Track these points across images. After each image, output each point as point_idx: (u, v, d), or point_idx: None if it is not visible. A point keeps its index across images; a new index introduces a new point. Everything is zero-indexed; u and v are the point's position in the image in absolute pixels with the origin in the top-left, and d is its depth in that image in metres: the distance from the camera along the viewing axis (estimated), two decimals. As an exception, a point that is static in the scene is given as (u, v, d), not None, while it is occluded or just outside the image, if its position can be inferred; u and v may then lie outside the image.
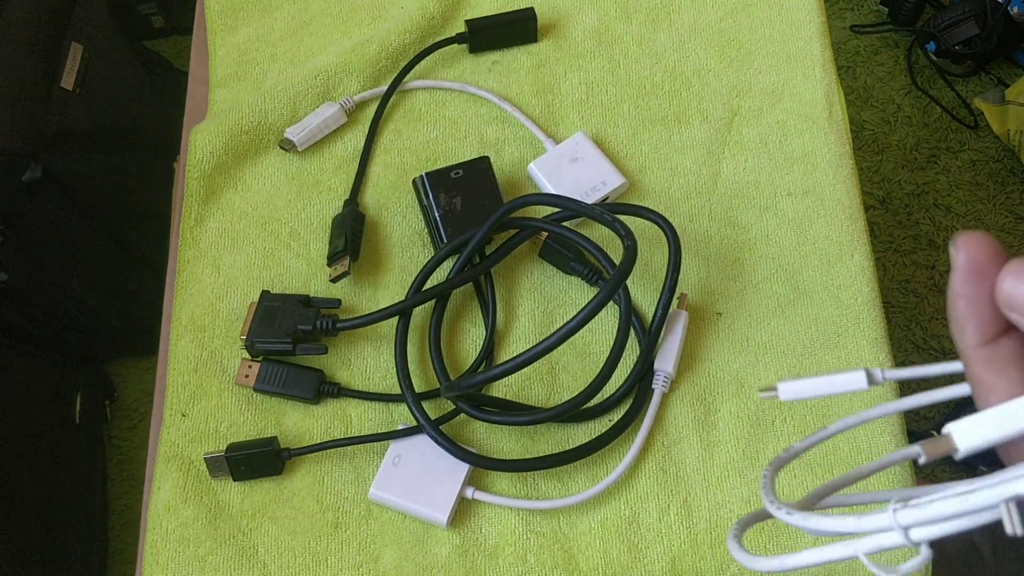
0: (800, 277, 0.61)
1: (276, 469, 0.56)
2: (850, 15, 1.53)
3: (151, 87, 1.17)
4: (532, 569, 0.54)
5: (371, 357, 0.59)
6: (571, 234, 0.59)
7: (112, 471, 1.21)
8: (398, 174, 0.65)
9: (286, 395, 0.57)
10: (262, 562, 0.54)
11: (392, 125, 0.67)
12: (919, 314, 1.25)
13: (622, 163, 0.65)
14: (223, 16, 0.72)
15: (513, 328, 0.60)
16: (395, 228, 0.63)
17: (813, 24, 0.69)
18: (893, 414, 0.28)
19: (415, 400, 0.55)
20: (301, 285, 0.61)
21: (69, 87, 0.95)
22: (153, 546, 0.55)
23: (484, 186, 0.61)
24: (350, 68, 0.67)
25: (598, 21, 0.70)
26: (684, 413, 0.57)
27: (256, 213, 0.64)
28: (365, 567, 0.54)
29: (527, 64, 0.69)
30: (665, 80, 0.68)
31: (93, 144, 1.00)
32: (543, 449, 0.56)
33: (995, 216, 1.32)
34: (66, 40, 0.97)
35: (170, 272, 0.63)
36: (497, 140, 0.66)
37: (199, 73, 0.71)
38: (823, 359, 0.58)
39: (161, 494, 0.56)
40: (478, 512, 0.55)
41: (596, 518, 0.55)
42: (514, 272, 0.62)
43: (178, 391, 0.59)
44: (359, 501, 0.55)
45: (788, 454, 0.29)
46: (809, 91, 0.67)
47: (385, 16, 0.71)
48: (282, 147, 0.65)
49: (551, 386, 0.58)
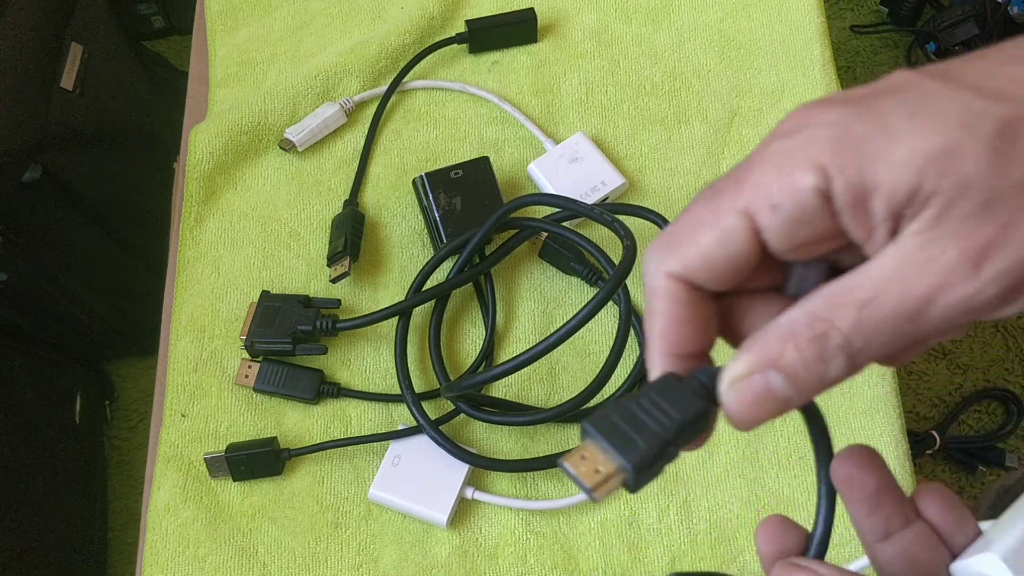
0: (800, 277, 0.60)
1: (276, 469, 0.56)
2: (850, 15, 1.53)
3: (151, 87, 1.17)
4: (532, 569, 0.54)
5: (371, 357, 0.59)
6: (571, 234, 0.59)
7: (112, 471, 1.21)
8: (398, 174, 0.65)
9: (286, 395, 0.57)
10: (262, 562, 0.54)
11: (392, 125, 0.67)
12: (919, 314, 1.26)
13: (622, 163, 0.65)
14: (223, 16, 0.72)
15: (513, 328, 0.60)
16: (395, 228, 0.63)
17: (813, 24, 0.69)
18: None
19: (415, 400, 0.55)
20: (301, 285, 0.61)
21: (69, 87, 0.95)
22: (153, 546, 0.55)
23: (484, 186, 0.61)
24: (350, 68, 0.67)
25: (598, 21, 0.70)
26: (684, 413, 0.57)
27: (256, 213, 0.64)
28: (365, 567, 0.54)
29: (527, 64, 0.69)
30: (665, 80, 0.68)
31: (93, 144, 1.00)
32: (543, 449, 0.56)
33: (995, 216, 1.32)
34: (66, 40, 0.97)
35: (170, 272, 0.63)
36: (497, 140, 0.66)
37: (199, 73, 0.71)
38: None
39: (161, 494, 0.56)
40: (478, 512, 0.55)
41: (596, 518, 0.55)
42: (514, 272, 0.62)
43: (178, 391, 0.59)
44: (359, 501, 0.55)
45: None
46: (809, 91, 0.67)
47: (385, 16, 0.71)
48: (282, 147, 0.65)
49: (551, 386, 0.58)
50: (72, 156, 0.96)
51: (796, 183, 0.21)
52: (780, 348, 0.22)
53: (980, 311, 0.21)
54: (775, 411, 0.23)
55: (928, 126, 0.21)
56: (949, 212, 0.21)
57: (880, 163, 0.21)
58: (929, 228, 0.21)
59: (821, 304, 0.22)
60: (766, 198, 0.22)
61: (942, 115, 0.21)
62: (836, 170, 0.21)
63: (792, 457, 0.56)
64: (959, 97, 0.21)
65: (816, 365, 0.22)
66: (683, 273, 0.23)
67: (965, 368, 1.22)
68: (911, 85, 0.22)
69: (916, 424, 1.19)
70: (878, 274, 0.21)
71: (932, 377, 1.22)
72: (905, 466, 0.55)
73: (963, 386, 1.21)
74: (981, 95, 0.21)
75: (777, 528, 0.27)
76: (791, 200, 0.22)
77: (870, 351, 0.22)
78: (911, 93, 0.21)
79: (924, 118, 0.21)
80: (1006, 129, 0.20)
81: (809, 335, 0.22)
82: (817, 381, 0.22)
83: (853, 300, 0.21)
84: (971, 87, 0.21)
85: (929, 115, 0.21)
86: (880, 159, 0.21)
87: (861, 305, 0.21)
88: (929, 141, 0.21)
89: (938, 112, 0.21)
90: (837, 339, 0.22)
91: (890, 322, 0.21)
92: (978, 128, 0.20)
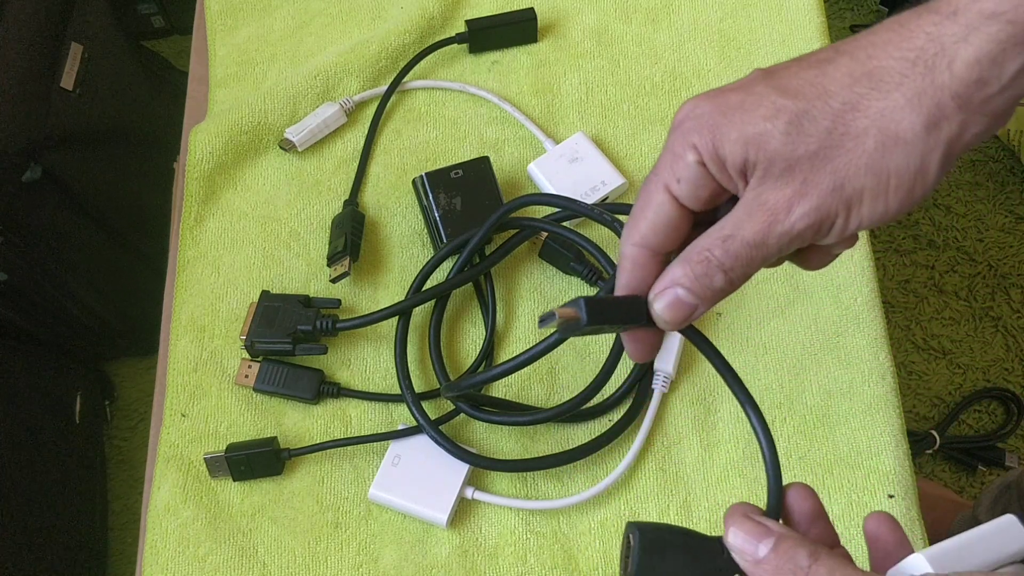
0: (800, 277, 0.61)
1: (276, 469, 0.56)
2: (850, 15, 1.53)
3: (151, 87, 1.17)
4: (532, 569, 0.54)
5: (371, 357, 0.59)
6: (571, 234, 0.59)
7: (112, 471, 1.21)
8: (398, 174, 0.65)
9: (286, 395, 0.57)
10: (262, 562, 0.54)
11: (392, 125, 0.67)
12: (919, 314, 1.25)
13: (622, 163, 0.65)
14: (223, 16, 0.72)
15: (513, 328, 0.60)
16: (395, 228, 0.63)
17: (813, 24, 0.69)
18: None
19: (415, 400, 0.55)
20: (301, 285, 0.61)
21: (69, 87, 0.95)
22: (153, 546, 0.55)
23: (484, 186, 0.61)
24: (350, 68, 0.67)
25: (598, 21, 0.70)
26: (684, 413, 0.57)
27: (256, 213, 0.64)
28: (365, 567, 0.54)
29: (527, 64, 0.69)
30: (665, 80, 0.68)
31: (93, 144, 1.00)
32: (543, 449, 0.56)
33: (995, 216, 1.32)
34: (66, 40, 0.97)
35: (170, 272, 0.63)
36: (497, 140, 0.66)
37: (199, 73, 0.71)
38: (823, 359, 0.58)
39: (161, 494, 0.56)
40: (478, 512, 0.55)
41: (596, 518, 0.55)
42: (514, 272, 0.62)
43: (178, 391, 0.59)
44: (359, 501, 0.55)
45: None
46: (809, 91, 0.67)
47: (385, 16, 0.71)
48: (282, 147, 0.65)
49: (551, 386, 0.58)
50: (72, 156, 0.96)
51: (686, 159, 0.32)
52: (681, 270, 0.32)
53: (801, 239, 0.31)
54: (687, 313, 0.33)
55: (749, 118, 0.31)
56: (768, 174, 0.31)
57: (725, 142, 0.31)
58: (758, 185, 0.31)
59: (704, 241, 0.32)
60: (673, 174, 0.32)
61: (759, 109, 0.31)
62: (703, 148, 0.31)
63: (792, 457, 0.56)
64: (769, 96, 0.31)
65: (704, 279, 0.32)
66: (641, 242, 0.33)
67: (965, 368, 1.22)
68: (752, 85, 0.31)
69: (916, 424, 1.19)
70: (733, 218, 0.32)
71: (932, 377, 1.22)
72: (905, 466, 0.55)
73: (963, 386, 1.21)
74: (785, 94, 0.31)
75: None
76: (686, 172, 0.32)
77: (738, 268, 0.32)
78: (748, 92, 0.31)
79: (748, 112, 0.31)
80: (795, 120, 0.30)
81: (697, 259, 0.32)
82: (708, 291, 0.32)
83: (720, 236, 0.32)
84: (780, 88, 0.31)
85: (751, 110, 0.31)
86: (725, 140, 0.31)
87: (724, 239, 0.32)
88: (748, 129, 0.31)
89: (755, 107, 0.31)
90: (714, 262, 0.32)
91: (744, 248, 0.31)
92: (778, 120, 0.30)
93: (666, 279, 0.33)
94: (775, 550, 0.30)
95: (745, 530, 0.31)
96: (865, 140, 0.30)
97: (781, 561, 0.30)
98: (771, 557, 0.30)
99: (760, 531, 0.31)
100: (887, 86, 0.29)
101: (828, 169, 0.30)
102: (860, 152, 0.30)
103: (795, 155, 0.30)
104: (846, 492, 0.55)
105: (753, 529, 0.31)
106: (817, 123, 0.30)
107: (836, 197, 0.30)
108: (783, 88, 0.31)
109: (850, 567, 0.29)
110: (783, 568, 0.30)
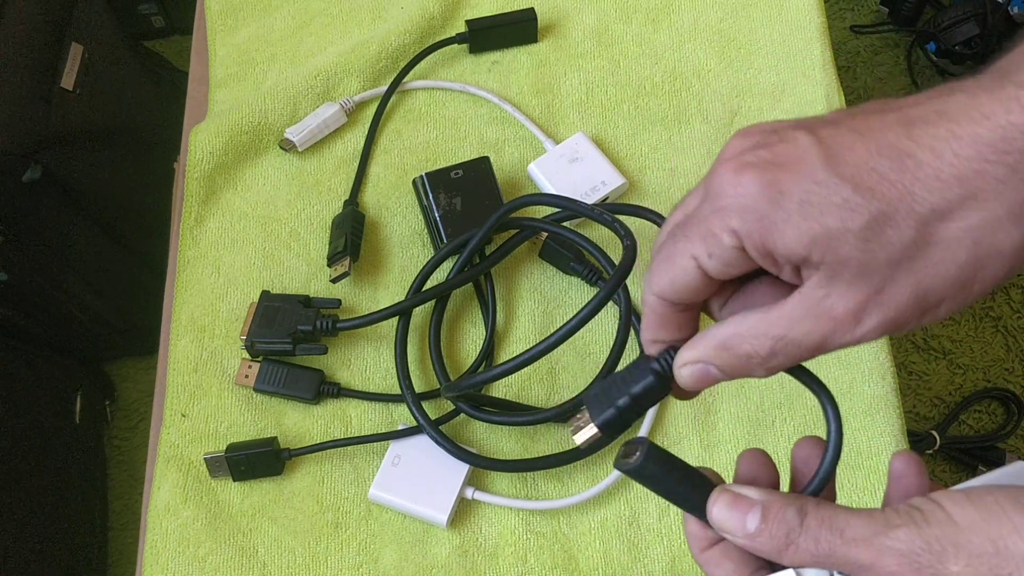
0: (800, 277, 0.60)
1: (276, 469, 0.56)
2: (850, 15, 1.53)
3: (151, 87, 1.17)
4: (532, 569, 0.54)
5: (371, 357, 0.59)
6: (571, 234, 0.59)
7: (112, 471, 1.21)
8: (398, 174, 0.65)
9: (286, 395, 0.57)
10: (262, 562, 0.54)
11: (392, 125, 0.67)
12: (919, 314, 1.26)
13: (622, 163, 0.65)
14: (223, 16, 0.72)
15: (513, 328, 0.60)
16: (395, 228, 0.63)
17: (813, 24, 0.69)
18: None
19: (415, 400, 0.55)
20: (301, 285, 0.61)
21: (69, 87, 0.95)
22: (153, 546, 0.55)
23: (484, 186, 0.61)
24: (350, 68, 0.67)
25: (598, 21, 0.70)
26: (684, 413, 0.57)
27: (256, 213, 0.64)
28: (365, 567, 0.54)
29: (527, 64, 0.69)
30: (665, 80, 0.68)
31: (93, 144, 1.00)
32: (543, 449, 0.56)
33: (995, 216, 1.32)
34: (66, 40, 0.97)
35: (170, 272, 0.63)
36: (497, 140, 0.66)
37: (199, 73, 0.71)
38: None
39: (161, 494, 0.56)
40: (478, 512, 0.55)
41: (596, 518, 0.55)
42: (514, 272, 0.62)
43: (178, 391, 0.59)
44: (359, 501, 0.55)
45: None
46: (809, 91, 0.67)
47: (385, 16, 0.71)
48: (282, 147, 0.65)
49: (551, 386, 0.58)
50: (72, 156, 0.96)
51: (721, 242, 0.29)
52: (717, 353, 0.31)
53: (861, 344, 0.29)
54: (709, 385, 0.32)
55: (813, 214, 0.27)
56: (836, 277, 0.28)
57: (777, 237, 0.28)
58: (821, 287, 0.28)
59: (750, 331, 0.30)
60: (704, 249, 0.29)
61: (825, 206, 0.27)
62: (746, 236, 0.28)
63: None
64: (838, 189, 0.27)
65: (743, 370, 0.31)
66: (659, 295, 0.32)
67: (965, 368, 1.22)
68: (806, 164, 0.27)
69: (916, 424, 1.19)
70: (789, 315, 0.29)
71: (932, 377, 1.22)
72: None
73: (963, 386, 1.21)
74: (858, 191, 0.27)
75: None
76: (719, 252, 0.29)
77: (782, 366, 0.30)
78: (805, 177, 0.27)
79: (811, 207, 0.27)
80: (873, 223, 0.27)
81: (739, 351, 0.30)
82: (742, 375, 0.31)
83: (772, 335, 0.30)
84: (849, 179, 0.27)
85: (815, 205, 0.27)
86: (777, 235, 0.28)
87: (776, 339, 0.29)
88: (814, 227, 0.27)
89: (821, 203, 0.27)
90: (757, 359, 0.30)
91: (796, 351, 0.30)
92: (852, 222, 0.27)
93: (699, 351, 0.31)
94: (764, 520, 0.30)
95: (725, 502, 0.31)
96: (958, 252, 0.27)
97: (773, 527, 0.29)
98: (762, 528, 0.30)
99: (742, 503, 0.30)
100: (985, 195, 0.26)
101: (910, 281, 0.27)
102: (950, 263, 0.27)
103: (871, 262, 0.27)
104: (846, 492, 0.55)
105: (732, 501, 0.31)
106: (900, 230, 0.27)
107: (914, 307, 0.28)
108: (854, 181, 0.27)
109: (840, 510, 0.30)
110: (777, 535, 0.29)
